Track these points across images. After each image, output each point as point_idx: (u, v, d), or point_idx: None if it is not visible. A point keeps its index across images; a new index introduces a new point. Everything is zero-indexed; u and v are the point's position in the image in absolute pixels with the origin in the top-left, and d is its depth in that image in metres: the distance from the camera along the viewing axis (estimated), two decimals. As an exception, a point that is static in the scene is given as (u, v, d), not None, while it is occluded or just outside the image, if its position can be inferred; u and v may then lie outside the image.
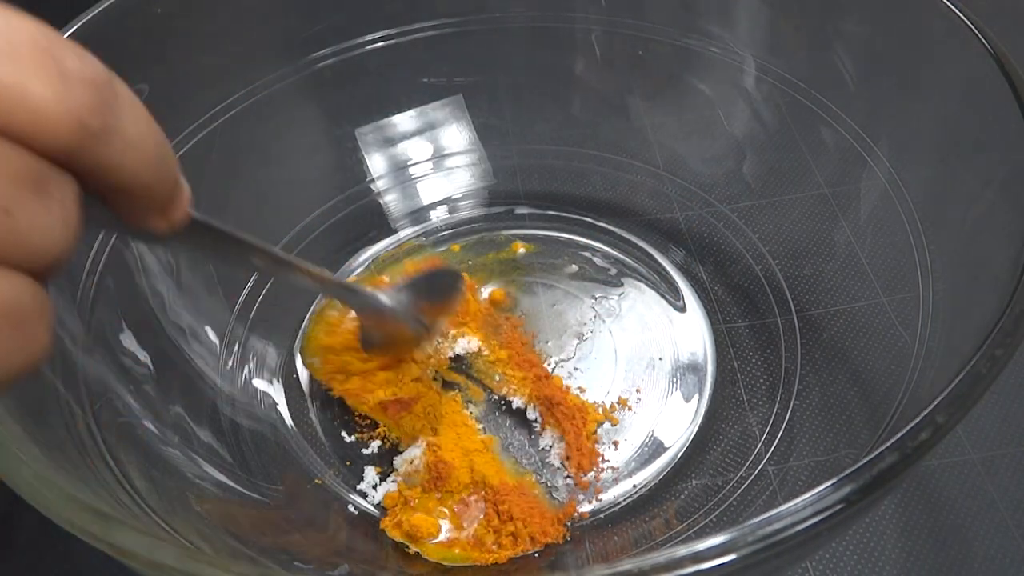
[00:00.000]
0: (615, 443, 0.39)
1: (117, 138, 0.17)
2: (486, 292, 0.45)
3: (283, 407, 0.40)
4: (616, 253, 0.47)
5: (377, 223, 0.49)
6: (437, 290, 0.39)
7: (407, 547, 0.35)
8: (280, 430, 0.40)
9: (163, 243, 0.24)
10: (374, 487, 0.38)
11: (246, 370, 0.41)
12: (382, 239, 0.49)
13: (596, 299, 0.45)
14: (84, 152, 0.17)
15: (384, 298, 0.36)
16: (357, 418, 0.40)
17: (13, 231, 0.16)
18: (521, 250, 0.48)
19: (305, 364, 0.42)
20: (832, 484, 0.19)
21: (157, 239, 0.22)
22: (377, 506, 0.37)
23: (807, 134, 0.44)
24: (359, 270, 0.48)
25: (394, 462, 0.38)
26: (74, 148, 0.16)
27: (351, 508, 0.37)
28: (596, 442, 0.39)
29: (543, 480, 0.38)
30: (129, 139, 0.17)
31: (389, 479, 0.38)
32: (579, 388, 0.41)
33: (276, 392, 0.41)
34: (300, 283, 0.31)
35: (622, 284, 0.46)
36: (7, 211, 0.16)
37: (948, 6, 0.33)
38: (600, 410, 0.40)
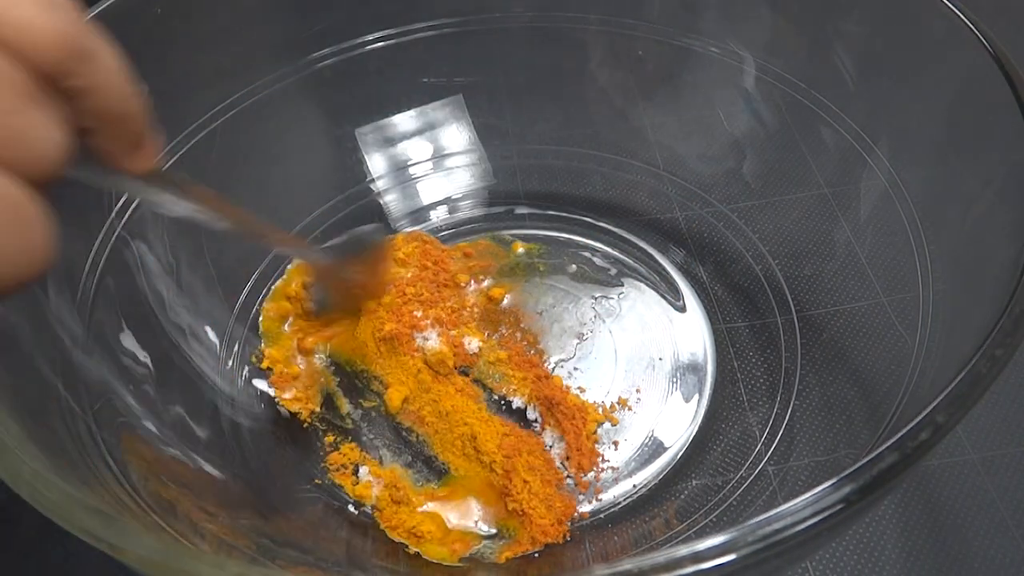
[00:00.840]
0: (615, 443, 0.39)
1: (95, 64, 0.20)
2: (485, 284, 0.45)
3: (283, 407, 0.40)
4: (616, 253, 0.47)
5: (377, 223, 0.49)
6: (363, 249, 0.41)
7: (407, 547, 0.35)
8: (280, 430, 0.40)
9: (130, 187, 0.27)
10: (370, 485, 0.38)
11: (246, 370, 0.41)
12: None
13: (596, 299, 0.45)
14: (69, 71, 0.19)
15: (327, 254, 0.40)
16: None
17: (15, 133, 0.18)
18: (521, 250, 0.48)
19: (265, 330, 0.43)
20: (832, 484, 0.19)
21: (127, 182, 0.24)
22: (373, 507, 0.37)
23: (807, 134, 0.44)
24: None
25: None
26: (62, 64, 0.19)
27: (351, 508, 0.37)
28: (596, 442, 0.39)
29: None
30: (106, 67, 0.20)
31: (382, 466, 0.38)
32: (579, 388, 0.41)
33: (276, 392, 0.41)
34: (261, 242, 0.35)
35: (622, 284, 0.46)
36: (8, 112, 0.18)
37: (948, 6, 0.33)
38: (600, 410, 0.40)
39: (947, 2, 0.33)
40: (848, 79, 0.41)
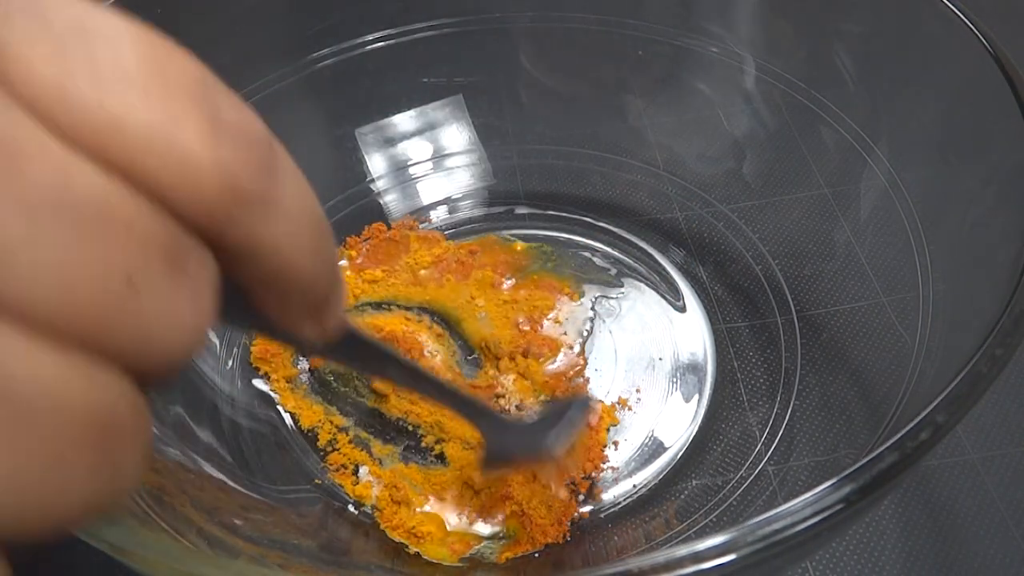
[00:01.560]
0: (615, 443, 0.39)
1: (273, 211, 0.14)
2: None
3: (283, 406, 0.40)
4: (616, 253, 0.47)
5: (377, 223, 0.49)
6: (565, 419, 0.32)
7: (407, 547, 0.35)
8: (280, 430, 0.40)
9: (307, 350, 0.21)
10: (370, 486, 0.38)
11: (246, 370, 0.41)
12: (382, 239, 0.49)
13: (596, 299, 0.45)
14: (232, 224, 0.13)
15: (520, 429, 0.33)
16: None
17: (134, 313, 0.12)
18: (520, 249, 0.48)
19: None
20: (832, 484, 0.19)
21: (303, 346, 0.18)
22: (373, 507, 0.37)
23: (807, 134, 0.44)
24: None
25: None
26: (221, 217, 0.13)
27: (351, 508, 0.37)
28: (604, 446, 0.39)
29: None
30: (287, 214, 0.14)
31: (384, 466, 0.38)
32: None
33: (276, 392, 0.41)
34: (434, 396, 0.29)
35: (622, 284, 0.46)
36: (132, 284, 0.12)
37: (948, 6, 0.33)
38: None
39: (947, 2, 0.33)
40: (848, 79, 0.41)
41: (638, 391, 0.41)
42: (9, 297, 0.10)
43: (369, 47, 0.47)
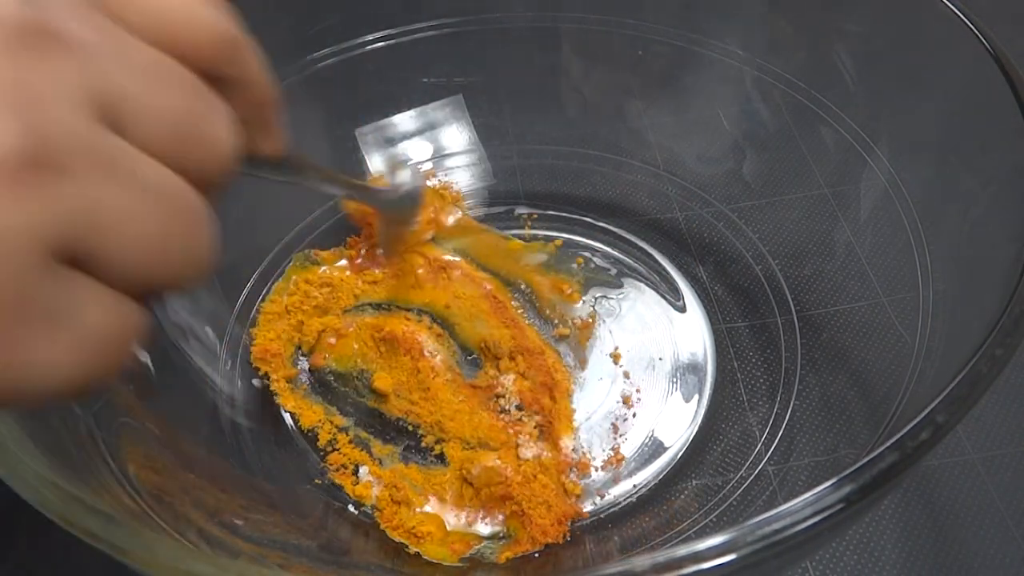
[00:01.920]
0: (615, 447, 0.39)
1: (245, 54, 0.21)
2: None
3: (283, 407, 0.40)
4: (616, 253, 0.47)
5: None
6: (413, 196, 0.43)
7: (407, 547, 0.35)
8: (280, 430, 0.40)
9: (263, 171, 0.27)
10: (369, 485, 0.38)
11: (246, 370, 0.41)
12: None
13: (596, 299, 0.45)
14: (231, 60, 0.20)
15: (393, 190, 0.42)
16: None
17: (195, 132, 0.18)
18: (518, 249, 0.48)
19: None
20: (832, 484, 0.20)
21: (262, 166, 0.25)
22: (373, 507, 0.37)
23: (807, 134, 0.44)
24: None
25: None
26: (227, 56, 0.20)
27: (351, 508, 0.37)
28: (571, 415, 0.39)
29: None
30: (251, 56, 0.21)
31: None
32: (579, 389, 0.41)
33: (276, 392, 0.41)
34: (330, 189, 0.36)
35: (622, 284, 0.46)
36: (191, 113, 0.18)
37: (948, 6, 0.33)
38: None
39: (947, 2, 0.33)
40: (848, 79, 0.41)
41: (638, 391, 0.41)
42: (143, 135, 0.17)
43: (369, 47, 0.47)
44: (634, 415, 0.40)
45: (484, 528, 0.36)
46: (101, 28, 0.17)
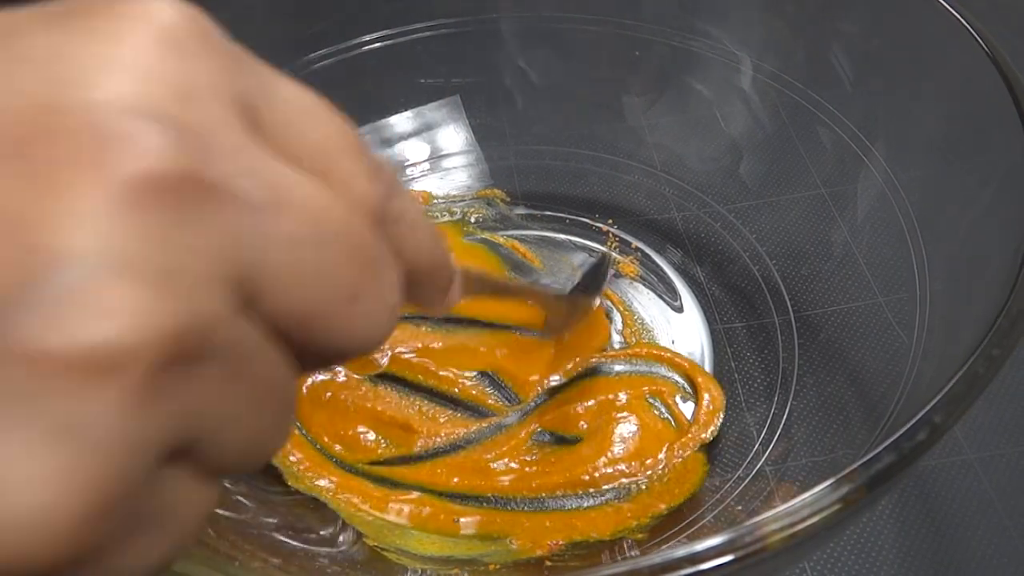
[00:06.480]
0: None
1: (404, 221, 0.18)
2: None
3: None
4: (614, 253, 0.47)
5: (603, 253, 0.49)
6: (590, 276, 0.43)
7: (407, 547, 0.35)
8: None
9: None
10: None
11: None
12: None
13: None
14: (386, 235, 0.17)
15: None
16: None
17: (349, 323, 0.15)
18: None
19: None
20: (830, 484, 0.20)
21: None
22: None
23: (804, 134, 0.44)
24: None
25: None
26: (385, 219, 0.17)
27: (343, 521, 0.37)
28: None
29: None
30: (412, 221, 0.18)
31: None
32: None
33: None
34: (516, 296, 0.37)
35: (619, 284, 0.46)
36: (354, 299, 0.15)
37: (946, 7, 0.33)
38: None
39: (945, 3, 0.33)
40: (845, 80, 0.41)
41: (636, 391, 0.41)
42: (274, 312, 0.14)
43: (366, 48, 0.47)
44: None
45: (482, 530, 0.36)
46: (260, 173, 0.14)
